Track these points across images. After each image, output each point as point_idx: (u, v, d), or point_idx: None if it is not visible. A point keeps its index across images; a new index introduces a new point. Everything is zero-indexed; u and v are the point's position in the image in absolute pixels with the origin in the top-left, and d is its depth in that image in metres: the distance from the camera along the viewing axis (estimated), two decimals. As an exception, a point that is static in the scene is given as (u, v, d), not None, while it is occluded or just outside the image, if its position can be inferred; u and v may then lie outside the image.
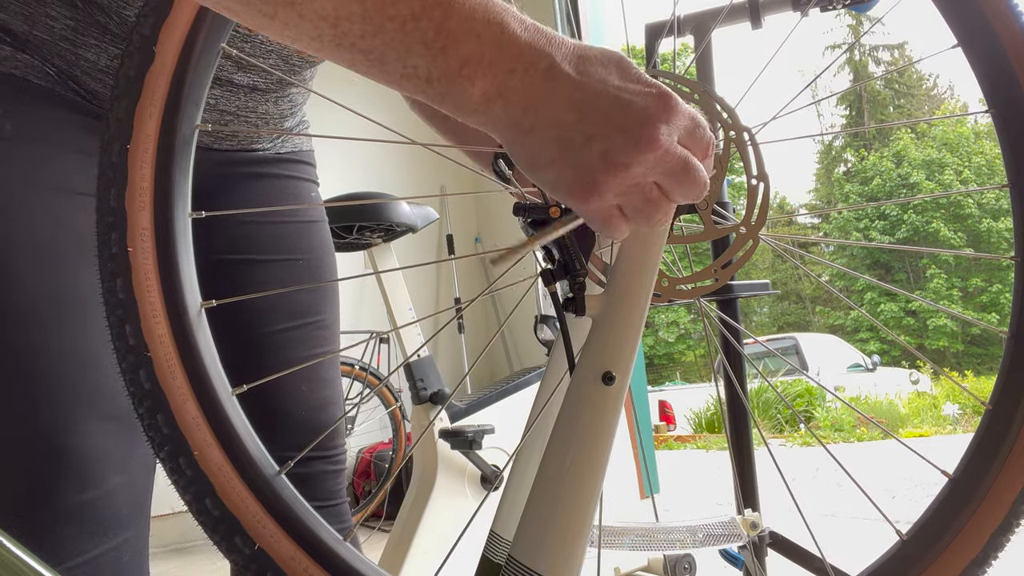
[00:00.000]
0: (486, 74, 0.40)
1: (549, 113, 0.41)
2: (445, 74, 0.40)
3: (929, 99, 28.33)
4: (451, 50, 0.40)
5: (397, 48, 0.40)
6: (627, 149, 0.41)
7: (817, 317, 24.55)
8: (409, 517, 1.80)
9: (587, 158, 0.42)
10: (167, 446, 0.48)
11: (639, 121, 0.41)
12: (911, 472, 3.54)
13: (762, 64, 0.68)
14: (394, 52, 0.40)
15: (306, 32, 0.40)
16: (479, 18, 0.40)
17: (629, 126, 0.41)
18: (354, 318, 3.47)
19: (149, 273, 0.50)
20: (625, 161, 0.41)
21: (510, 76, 0.41)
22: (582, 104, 0.41)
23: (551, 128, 0.42)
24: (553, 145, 0.42)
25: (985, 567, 0.52)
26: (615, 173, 0.42)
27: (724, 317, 1.15)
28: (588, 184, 0.42)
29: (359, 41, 0.39)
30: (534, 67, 0.41)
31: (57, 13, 0.73)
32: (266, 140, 0.95)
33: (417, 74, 0.40)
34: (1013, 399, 0.55)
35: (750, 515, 0.61)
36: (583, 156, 0.42)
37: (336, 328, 0.98)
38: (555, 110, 0.41)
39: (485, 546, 0.60)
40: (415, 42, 0.39)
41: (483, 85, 0.41)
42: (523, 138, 0.42)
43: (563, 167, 0.42)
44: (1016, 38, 0.55)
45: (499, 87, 0.41)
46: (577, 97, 0.41)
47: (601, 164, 0.41)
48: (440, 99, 0.42)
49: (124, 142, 0.52)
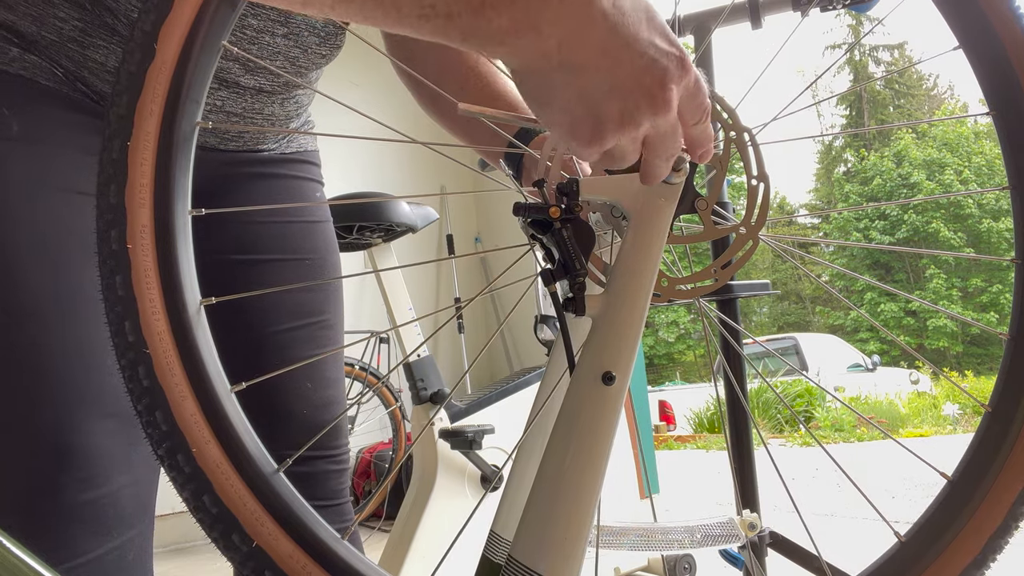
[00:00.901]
0: (515, 3, 0.38)
1: (581, 54, 0.40)
2: (467, 7, 0.38)
3: (929, 99, 28.34)
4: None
5: None
6: (643, 109, 0.42)
7: (817, 317, 24.55)
8: (409, 517, 1.81)
9: (605, 110, 0.42)
10: (165, 443, 0.48)
11: (659, 82, 0.42)
12: (911, 472, 3.54)
13: (762, 64, 0.68)
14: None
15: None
16: None
17: (650, 86, 0.41)
18: (354, 318, 3.47)
19: (149, 270, 0.50)
20: (639, 120, 0.42)
21: (543, 5, 0.38)
22: (614, 52, 0.40)
23: (578, 70, 0.41)
24: (574, 87, 0.41)
25: (984, 568, 0.52)
26: (626, 128, 0.42)
27: (724, 317, 1.15)
28: (597, 132, 0.42)
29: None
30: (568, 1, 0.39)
31: (65, 14, 0.73)
32: (271, 140, 0.95)
33: (436, 12, 0.38)
34: (1012, 401, 0.55)
35: (748, 515, 0.61)
36: (602, 107, 0.42)
37: (340, 328, 0.99)
38: (587, 52, 0.40)
39: (485, 546, 0.60)
40: None
41: (512, 15, 0.38)
42: (547, 73, 0.41)
43: (578, 111, 0.42)
44: (1017, 39, 0.55)
45: (532, 19, 0.38)
46: (610, 43, 0.40)
47: (617, 118, 0.42)
48: (462, 36, 0.39)
49: (124, 139, 0.52)
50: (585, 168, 0.70)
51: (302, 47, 0.85)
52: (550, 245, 0.50)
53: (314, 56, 0.88)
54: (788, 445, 5.62)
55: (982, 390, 7.30)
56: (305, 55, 0.86)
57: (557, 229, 0.49)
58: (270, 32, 0.81)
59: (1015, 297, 0.58)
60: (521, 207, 0.50)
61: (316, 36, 0.85)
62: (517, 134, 0.82)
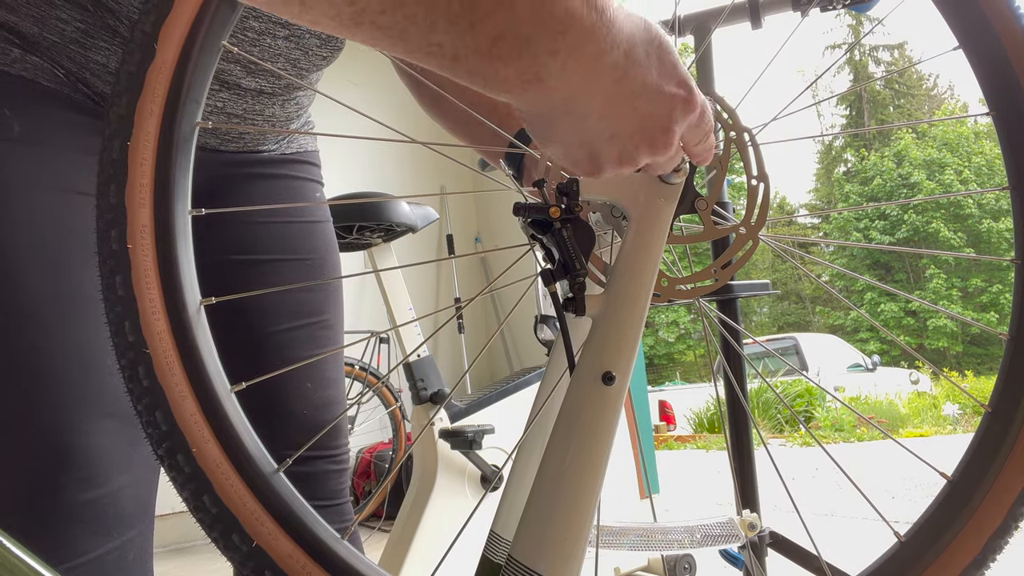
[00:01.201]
0: (522, 54, 0.36)
1: (586, 105, 0.40)
2: (474, 52, 0.36)
3: (929, 99, 28.34)
4: (480, 26, 0.35)
5: (419, 24, 0.35)
6: (643, 150, 0.44)
7: (817, 317, 24.55)
8: (409, 517, 1.81)
9: (605, 153, 0.43)
10: (165, 443, 0.48)
11: (662, 127, 0.43)
12: (911, 472, 3.54)
13: (762, 63, 0.68)
14: (416, 28, 0.35)
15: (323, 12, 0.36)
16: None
17: (652, 130, 0.43)
18: (354, 318, 3.47)
19: (149, 270, 0.50)
20: (638, 159, 0.44)
21: (551, 59, 0.37)
22: (618, 101, 0.41)
23: (583, 118, 0.41)
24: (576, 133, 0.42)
25: (983, 569, 0.52)
26: (623, 165, 0.44)
27: (724, 318, 1.15)
28: (595, 165, 0.44)
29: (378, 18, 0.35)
30: (579, 51, 0.37)
31: (67, 16, 0.73)
32: (272, 141, 0.95)
33: (442, 52, 0.36)
34: (1012, 401, 0.55)
35: (748, 516, 0.61)
36: (601, 148, 0.43)
37: (340, 328, 0.99)
38: (592, 103, 0.40)
39: (485, 546, 0.60)
40: (438, 17, 0.35)
41: (518, 67, 0.36)
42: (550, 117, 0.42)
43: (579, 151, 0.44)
44: (1017, 40, 0.55)
45: (537, 71, 0.37)
46: (615, 93, 0.40)
47: (615, 157, 0.44)
48: (468, 77, 0.38)
49: (125, 138, 0.52)
50: None
51: (303, 49, 0.85)
52: (550, 245, 0.50)
53: (315, 58, 0.88)
54: (788, 445, 5.62)
55: (982, 390, 7.30)
56: (306, 57, 0.86)
57: (557, 229, 0.49)
58: (271, 34, 0.81)
59: (1015, 298, 0.58)
60: (521, 207, 0.50)
61: (317, 38, 0.86)
62: (518, 134, 0.81)
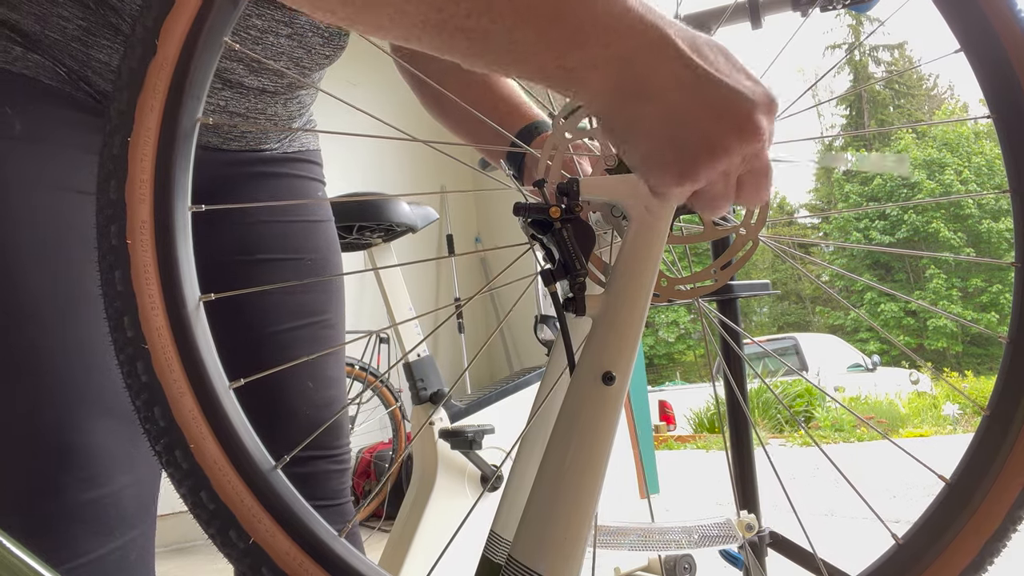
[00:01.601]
0: (599, 40, 0.39)
1: (658, 85, 0.41)
2: (556, 42, 0.39)
3: (929, 99, 28.34)
4: (563, 19, 0.39)
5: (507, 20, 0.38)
6: (731, 136, 0.41)
7: (817, 317, 24.55)
8: (409, 517, 1.81)
9: (690, 140, 0.41)
10: (163, 439, 0.48)
11: (746, 110, 0.41)
12: (910, 472, 3.54)
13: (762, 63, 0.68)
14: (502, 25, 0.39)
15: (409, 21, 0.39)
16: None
17: (735, 114, 0.41)
18: (354, 318, 3.46)
19: (148, 266, 0.50)
20: (727, 147, 0.41)
21: (622, 42, 0.40)
22: (690, 84, 0.41)
23: (658, 101, 0.41)
24: (657, 118, 0.41)
25: (981, 571, 0.52)
26: (716, 159, 0.41)
27: (723, 318, 1.15)
28: (686, 166, 0.42)
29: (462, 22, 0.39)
30: (646, 36, 0.40)
31: (69, 14, 0.73)
32: (274, 140, 0.95)
33: (522, 47, 0.39)
34: (1011, 404, 0.54)
35: (745, 516, 0.61)
36: (686, 137, 0.41)
37: (341, 328, 0.99)
38: (664, 84, 0.41)
39: (485, 546, 0.60)
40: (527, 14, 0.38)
41: (594, 51, 0.40)
42: (628, 105, 0.41)
43: (664, 143, 0.42)
44: (1018, 42, 0.55)
45: (612, 53, 0.40)
46: (686, 76, 0.41)
47: (704, 148, 0.41)
48: (540, 71, 0.41)
49: (125, 134, 0.51)
50: (586, 168, 0.70)
51: (306, 47, 0.85)
52: (550, 245, 0.50)
53: (318, 56, 0.88)
54: (788, 445, 5.62)
55: (982, 390, 7.30)
56: (309, 55, 0.86)
57: (557, 229, 0.49)
58: (274, 32, 0.81)
59: (1015, 300, 0.58)
60: (521, 207, 0.50)
61: (320, 36, 0.85)
62: (519, 133, 0.82)
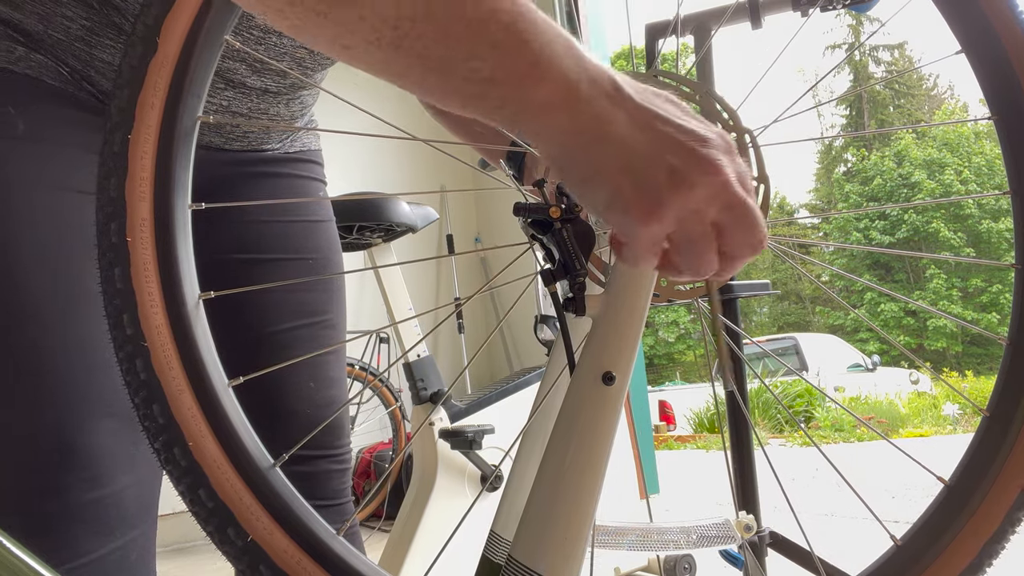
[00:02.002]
0: (556, 78, 0.39)
1: (616, 128, 0.40)
2: (512, 74, 0.39)
3: (929, 99, 28.34)
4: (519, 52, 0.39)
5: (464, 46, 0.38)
6: (692, 168, 0.40)
7: (817, 317, 24.55)
8: (409, 517, 1.81)
9: (652, 175, 0.40)
10: (162, 436, 0.48)
11: (701, 144, 0.41)
12: (910, 472, 3.54)
13: (761, 63, 0.68)
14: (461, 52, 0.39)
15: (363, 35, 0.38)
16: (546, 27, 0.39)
17: (692, 148, 0.41)
18: (354, 318, 3.47)
19: (148, 264, 0.50)
20: (691, 180, 0.40)
21: (578, 84, 0.40)
22: (647, 124, 0.41)
23: (617, 142, 0.40)
24: (616, 159, 0.41)
25: (980, 573, 0.52)
26: (680, 192, 0.40)
27: (723, 319, 1.15)
28: (651, 202, 0.40)
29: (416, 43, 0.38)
30: (600, 81, 0.40)
31: (73, 13, 0.73)
32: (275, 140, 0.95)
33: (479, 76, 0.39)
34: (1011, 405, 0.54)
35: (744, 517, 0.61)
36: (648, 173, 0.40)
37: (342, 328, 0.99)
38: (621, 126, 0.41)
39: (485, 546, 0.60)
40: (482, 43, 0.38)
41: (551, 88, 0.39)
42: (586, 147, 0.41)
43: (624, 183, 0.40)
44: (1018, 41, 0.55)
45: (568, 93, 0.40)
46: (641, 117, 0.41)
47: (667, 181, 0.40)
48: (499, 104, 0.40)
49: (126, 132, 0.51)
50: None
51: (308, 47, 0.85)
52: (550, 245, 0.50)
53: (320, 56, 0.88)
54: (788, 445, 5.62)
55: (982, 390, 7.29)
56: (311, 55, 0.86)
57: (557, 229, 0.49)
58: (277, 32, 0.81)
59: (1015, 302, 0.58)
60: (521, 207, 0.50)
61: None
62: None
